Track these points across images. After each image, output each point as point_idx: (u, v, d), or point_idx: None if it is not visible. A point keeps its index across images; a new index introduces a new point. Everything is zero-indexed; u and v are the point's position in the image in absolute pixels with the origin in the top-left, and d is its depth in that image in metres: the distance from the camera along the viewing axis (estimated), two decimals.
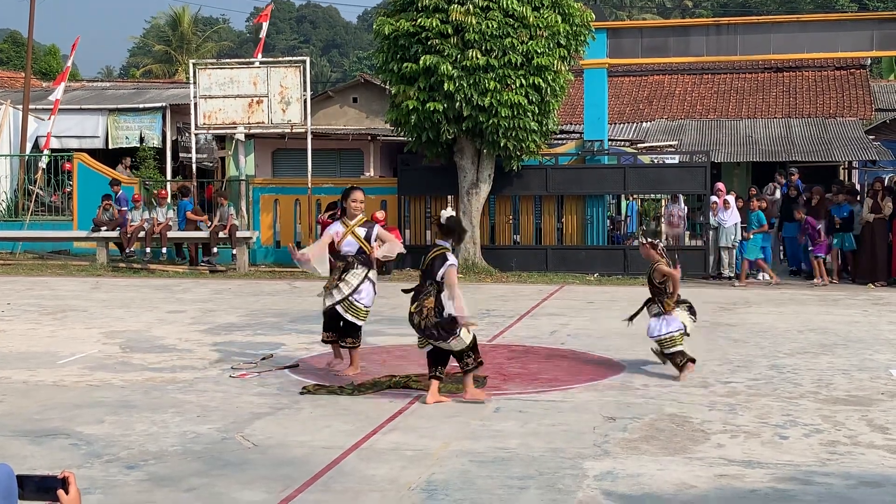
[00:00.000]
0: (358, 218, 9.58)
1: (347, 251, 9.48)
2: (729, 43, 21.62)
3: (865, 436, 7.24)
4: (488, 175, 20.17)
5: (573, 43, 19.61)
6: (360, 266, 9.46)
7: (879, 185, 18.95)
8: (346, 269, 9.44)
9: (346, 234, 9.49)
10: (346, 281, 9.40)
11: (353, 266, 9.44)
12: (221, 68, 21.98)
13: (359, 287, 9.41)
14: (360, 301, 9.45)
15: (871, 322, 13.42)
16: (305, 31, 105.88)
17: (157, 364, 10.23)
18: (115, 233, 21.14)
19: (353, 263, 9.45)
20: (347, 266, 9.44)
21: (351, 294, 9.39)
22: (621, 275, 19.76)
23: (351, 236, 9.48)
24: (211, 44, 60.44)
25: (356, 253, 9.48)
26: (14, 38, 57.24)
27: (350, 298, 9.39)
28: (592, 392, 8.79)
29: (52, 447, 6.94)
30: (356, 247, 9.48)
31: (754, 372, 9.73)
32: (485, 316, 13.56)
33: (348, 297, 9.38)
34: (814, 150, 29.69)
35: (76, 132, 29.00)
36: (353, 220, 9.55)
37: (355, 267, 9.44)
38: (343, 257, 9.47)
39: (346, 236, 9.49)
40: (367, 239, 9.49)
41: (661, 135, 31.86)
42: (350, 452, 6.78)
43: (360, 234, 9.50)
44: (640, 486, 6.02)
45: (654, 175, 21.37)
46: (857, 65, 34.63)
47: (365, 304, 9.50)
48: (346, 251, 9.48)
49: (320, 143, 25.62)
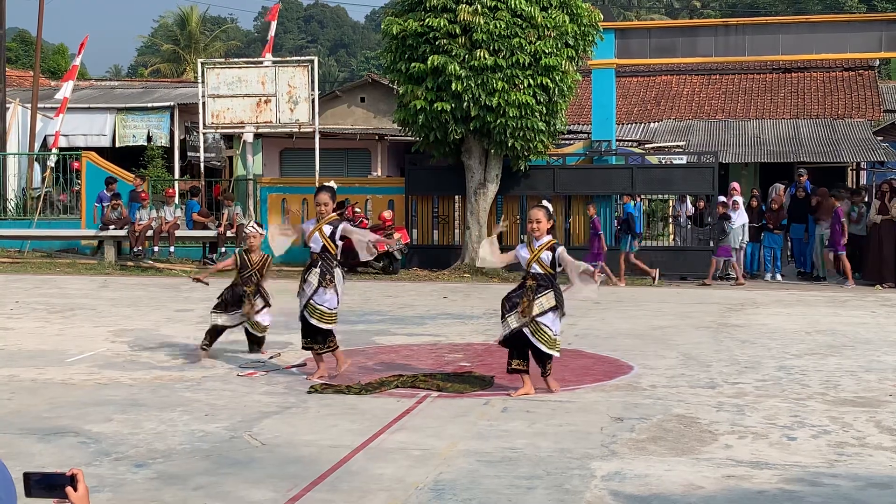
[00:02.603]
0: (329, 216, 9.35)
1: (313, 248, 9.32)
2: (737, 43, 21.59)
3: (873, 437, 7.22)
4: (496, 175, 20.17)
5: (581, 43, 19.60)
6: (322, 265, 9.24)
7: (887, 187, 18.92)
8: (308, 269, 9.30)
9: (313, 232, 9.29)
10: (307, 281, 9.23)
11: (316, 265, 9.24)
12: (230, 68, 22.01)
13: (319, 288, 9.17)
14: (324, 304, 9.20)
15: (879, 323, 13.39)
16: (313, 30, 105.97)
17: (165, 362, 10.25)
18: (123, 231, 21.18)
19: (317, 262, 9.26)
20: (311, 265, 9.29)
21: (312, 296, 9.17)
22: (628, 275, 19.73)
23: (318, 233, 9.27)
24: (219, 43, 60.51)
25: (320, 251, 9.28)
26: (23, 37, 57.36)
27: (312, 301, 9.17)
28: (600, 392, 8.79)
29: (61, 445, 6.96)
30: (321, 244, 9.27)
31: (762, 373, 9.72)
32: (492, 316, 13.54)
33: (311, 300, 9.17)
34: (822, 152, 29.63)
35: (84, 131, 29.07)
36: (322, 219, 9.35)
37: (317, 266, 9.24)
38: (311, 255, 9.35)
39: (313, 233, 9.29)
40: (332, 237, 9.27)
41: (668, 135, 31.83)
42: (357, 452, 6.78)
43: (326, 231, 9.28)
44: (648, 487, 6.01)
45: (661, 176, 21.34)
46: (866, 66, 34.53)
47: (329, 307, 9.23)
48: (311, 248, 9.34)
49: (328, 142, 25.68)
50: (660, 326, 12.96)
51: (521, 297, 8.60)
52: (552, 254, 8.62)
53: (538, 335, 8.53)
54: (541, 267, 8.63)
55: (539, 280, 8.62)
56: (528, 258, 8.68)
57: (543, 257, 8.62)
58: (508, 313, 8.65)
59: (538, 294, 8.55)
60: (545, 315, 8.54)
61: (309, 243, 9.37)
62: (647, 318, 13.78)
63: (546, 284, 8.61)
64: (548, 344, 8.56)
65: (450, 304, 15.37)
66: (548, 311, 8.56)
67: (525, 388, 8.63)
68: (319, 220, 9.37)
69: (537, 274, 8.63)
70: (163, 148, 29.13)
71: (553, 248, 8.64)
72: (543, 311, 8.53)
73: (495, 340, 8.98)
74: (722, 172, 24.94)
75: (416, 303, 15.35)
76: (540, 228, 8.66)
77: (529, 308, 8.51)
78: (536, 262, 8.62)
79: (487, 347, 11.29)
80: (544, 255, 8.62)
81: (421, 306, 14.94)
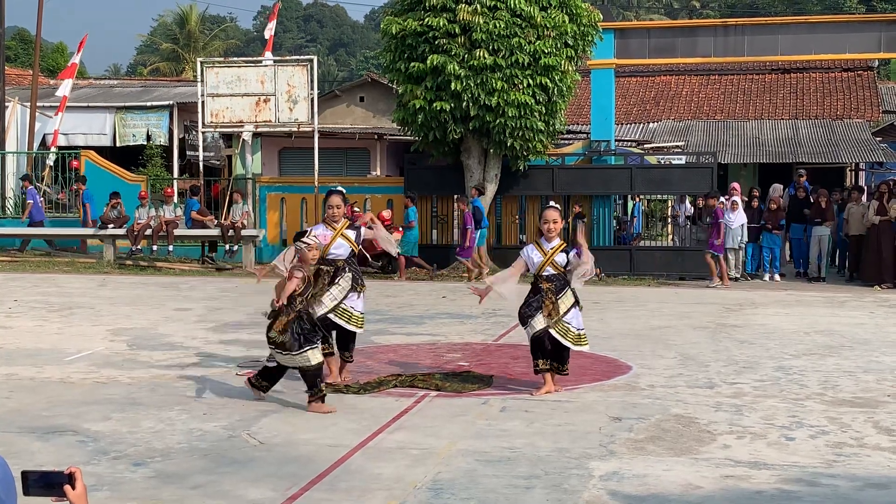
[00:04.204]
0: (343, 221, 9.15)
1: (338, 255, 9.03)
2: (736, 44, 21.59)
3: (871, 437, 7.23)
4: (495, 175, 20.18)
5: (580, 43, 19.61)
6: (351, 269, 9.05)
7: (886, 188, 18.93)
8: (336, 274, 8.99)
9: (335, 238, 9.01)
10: (338, 285, 8.96)
11: (344, 270, 9.01)
12: (229, 67, 22.02)
13: (350, 293, 8.99)
14: (356, 308, 9.05)
15: (878, 324, 13.39)
16: (312, 29, 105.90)
17: (163, 361, 10.25)
18: (122, 230, 21.17)
19: (344, 267, 9.03)
20: (338, 270, 9.00)
21: (344, 300, 8.95)
22: (627, 275, 19.75)
23: (341, 239, 9.01)
24: (218, 42, 60.45)
25: (349, 256, 9.07)
26: (22, 36, 57.30)
27: (343, 305, 8.96)
28: (598, 392, 8.79)
29: (59, 444, 6.96)
30: (348, 249, 9.07)
31: (760, 373, 9.72)
32: (490, 316, 13.56)
33: (341, 304, 8.95)
34: (821, 152, 29.65)
35: (83, 130, 29.05)
36: (338, 224, 9.10)
37: (347, 271, 9.02)
38: (331, 262, 9.01)
39: (335, 240, 9.00)
40: (358, 241, 9.12)
41: (667, 135, 31.84)
42: (356, 451, 6.79)
43: (351, 236, 9.07)
44: (646, 487, 6.02)
45: (660, 176, 21.35)
46: (865, 66, 34.54)
47: (360, 311, 9.12)
48: (335, 255, 9.01)
49: (327, 141, 25.66)
50: (658, 326, 12.97)
51: (543, 300, 8.58)
52: (566, 256, 8.63)
53: (567, 336, 8.58)
54: (555, 269, 8.64)
55: (554, 281, 8.62)
56: (540, 260, 8.65)
57: (558, 259, 8.63)
58: (531, 318, 8.62)
59: (559, 295, 8.58)
60: (568, 313, 8.59)
61: (329, 250, 8.95)
62: (646, 318, 13.79)
63: (562, 284, 8.63)
64: (575, 341, 8.64)
65: (448, 303, 15.38)
66: (570, 308, 8.61)
67: (547, 386, 8.64)
68: (332, 224, 9.09)
69: (551, 276, 8.64)
70: (162, 147, 29.12)
71: (566, 250, 8.67)
72: (567, 309, 8.59)
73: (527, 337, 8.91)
74: (721, 173, 24.96)
75: (415, 302, 15.35)
76: (556, 229, 8.69)
77: (556, 309, 8.52)
78: (551, 264, 8.62)
79: (486, 347, 11.30)
80: (559, 258, 8.63)
81: (420, 306, 14.94)
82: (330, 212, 9.16)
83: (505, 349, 11.13)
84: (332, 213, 9.14)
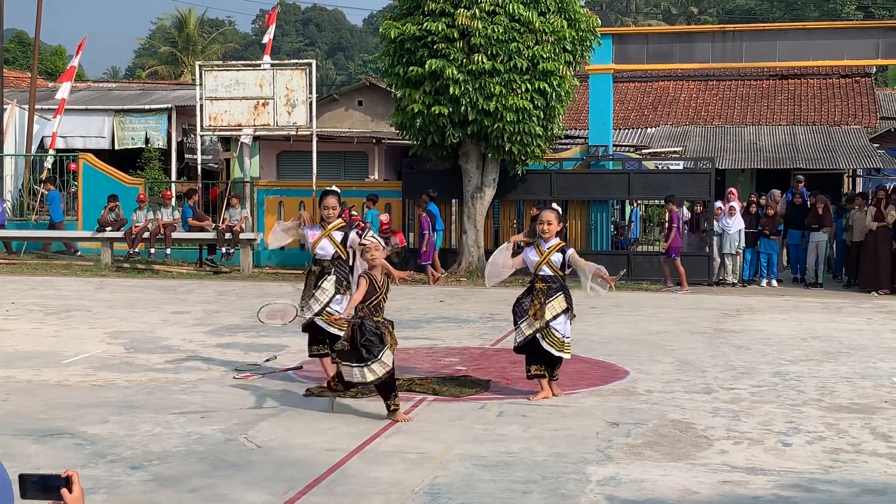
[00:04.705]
0: (336, 222, 9.07)
1: (321, 255, 8.97)
2: (734, 50, 21.62)
3: (868, 443, 7.23)
4: (493, 179, 20.19)
5: (579, 48, 19.64)
6: (336, 271, 8.93)
7: (883, 194, 18.96)
8: (321, 276, 8.92)
9: (320, 238, 8.96)
10: (322, 288, 8.87)
11: (329, 272, 8.92)
12: (228, 70, 22.04)
13: (336, 296, 8.84)
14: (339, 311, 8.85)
15: (875, 330, 13.41)
16: (311, 33, 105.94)
17: (160, 364, 10.24)
18: (120, 233, 21.16)
19: (329, 269, 8.94)
20: (324, 271, 8.94)
21: (329, 303, 8.83)
22: (625, 280, 19.73)
23: (327, 240, 8.93)
24: (217, 46, 60.47)
25: (332, 258, 8.97)
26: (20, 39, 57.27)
27: (329, 309, 8.82)
28: (596, 397, 8.79)
29: (57, 447, 6.95)
30: (332, 251, 8.95)
31: (758, 379, 9.73)
32: (488, 320, 13.56)
33: (327, 308, 8.82)
34: (818, 158, 29.67)
35: (82, 132, 29.08)
36: (329, 224, 9.03)
37: (332, 273, 8.91)
38: (318, 262, 8.99)
39: (321, 240, 8.96)
40: (343, 243, 8.95)
41: (665, 141, 31.86)
42: (353, 455, 6.78)
43: (337, 238, 8.96)
44: (643, 492, 6.02)
45: (658, 181, 21.36)
46: (863, 73, 34.60)
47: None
48: (320, 255, 8.97)
49: (325, 145, 25.67)
50: (656, 331, 12.98)
51: (532, 300, 8.59)
52: (562, 256, 8.63)
53: (548, 338, 8.54)
54: (550, 269, 8.63)
55: (549, 282, 8.61)
56: (536, 260, 8.67)
57: (554, 259, 8.62)
58: (521, 320, 8.63)
59: (549, 297, 8.55)
60: (556, 319, 8.56)
61: (315, 250, 8.99)
62: (644, 323, 13.80)
63: (556, 287, 8.62)
64: (556, 346, 8.57)
65: (446, 307, 15.38)
66: (559, 314, 8.57)
67: (544, 392, 8.64)
68: (325, 225, 9.07)
69: (547, 276, 8.63)
70: (160, 150, 29.12)
71: (563, 250, 8.66)
72: (556, 314, 8.55)
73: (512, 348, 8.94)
74: (718, 178, 24.95)
75: (413, 306, 15.34)
76: (550, 230, 8.66)
77: (541, 311, 8.51)
78: (546, 264, 8.62)
79: (483, 351, 11.31)
80: (555, 258, 8.63)
81: (417, 310, 14.94)
82: (325, 212, 9.13)
83: (502, 353, 11.12)
84: (327, 214, 9.11)
